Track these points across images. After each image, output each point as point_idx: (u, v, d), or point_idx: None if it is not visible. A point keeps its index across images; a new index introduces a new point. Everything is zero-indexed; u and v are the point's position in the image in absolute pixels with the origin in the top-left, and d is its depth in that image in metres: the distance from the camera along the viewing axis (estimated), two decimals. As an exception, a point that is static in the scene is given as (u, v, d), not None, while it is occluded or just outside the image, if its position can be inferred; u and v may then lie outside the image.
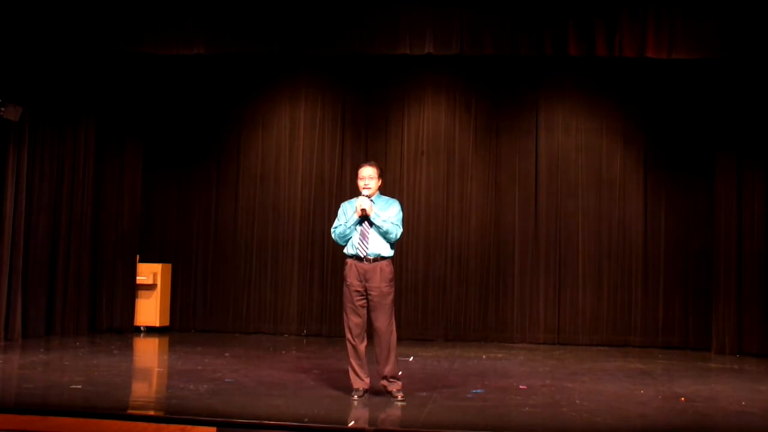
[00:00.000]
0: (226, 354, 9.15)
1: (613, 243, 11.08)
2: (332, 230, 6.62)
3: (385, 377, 6.40)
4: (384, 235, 6.40)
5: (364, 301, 6.41)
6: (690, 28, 8.99)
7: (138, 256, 11.39)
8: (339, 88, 11.72)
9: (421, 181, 11.41)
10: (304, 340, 10.92)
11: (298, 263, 11.55)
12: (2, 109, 9.36)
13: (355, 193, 6.66)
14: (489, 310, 11.19)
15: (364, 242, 6.39)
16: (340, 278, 11.27)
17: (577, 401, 6.62)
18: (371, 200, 6.48)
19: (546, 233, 11.19)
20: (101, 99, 11.01)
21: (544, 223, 11.21)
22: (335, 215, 11.52)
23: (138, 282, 11.26)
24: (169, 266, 11.56)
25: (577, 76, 11.25)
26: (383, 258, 6.42)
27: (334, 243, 11.64)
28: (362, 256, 6.39)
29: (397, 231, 6.44)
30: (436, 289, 11.25)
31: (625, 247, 11.06)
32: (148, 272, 11.28)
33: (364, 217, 6.40)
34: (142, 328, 11.24)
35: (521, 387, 7.31)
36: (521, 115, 11.37)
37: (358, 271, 6.40)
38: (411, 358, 9.08)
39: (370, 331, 6.47)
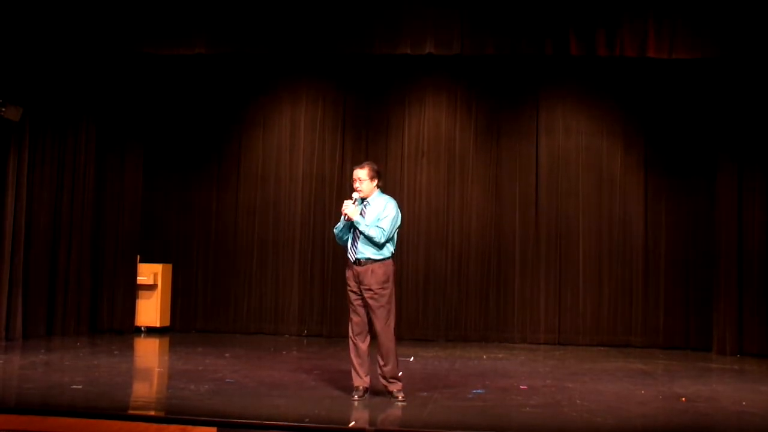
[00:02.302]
0: (227, 354, 9.15)
1: (614, 244, 11.08)
2: (334, 230, 6.65)
3: (384, 378, 6.41)
4: (369, 239, 6.38)
5: (361, 301, 6.43)
6: (690, 28, 9.01)
7: (139, 257, 11.38)
8: (339, 89, 11.71)
9: (422, 182, 11.41)
10: (305, 341, 10.92)
11: (299, 264, 11.55)
12: (3, 109, 9.37)
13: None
14: (489, 311, 11.19)
15: (354, 245, 6.42)
16: (340, 279, 11.32)
17: (578, 401, 6.62)
18: (367, 201, 6.51)
19: (546, 234, 11.19)
20: (102, 99, 11.00)
21: (545, 224, 11.21)
22: (335, 216, 11.58)
23: (139, 282, 11.25)
24: (169, 266, 11.56)
25: (578, 78, 11.25)
26: (374, 260, 6.40)
27: (335, 243, 11.71)
28: (352, 259, 6.43)
29: (380, 235, 6.34)
30: (436, 289, 11.25)
31: (626, 248, 11.05)
32: (149, 272, 11.28)
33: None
34: (142, 329, 11.24)
35: (522, 387, 7.31)
36: (522, 117, 11.36)
37: (352, 273, 6.44)
38: (411, 359, 9.08)
39: (373, 331, 6.47)
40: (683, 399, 6.88)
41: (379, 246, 6.38)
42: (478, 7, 9.24)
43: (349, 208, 6.41)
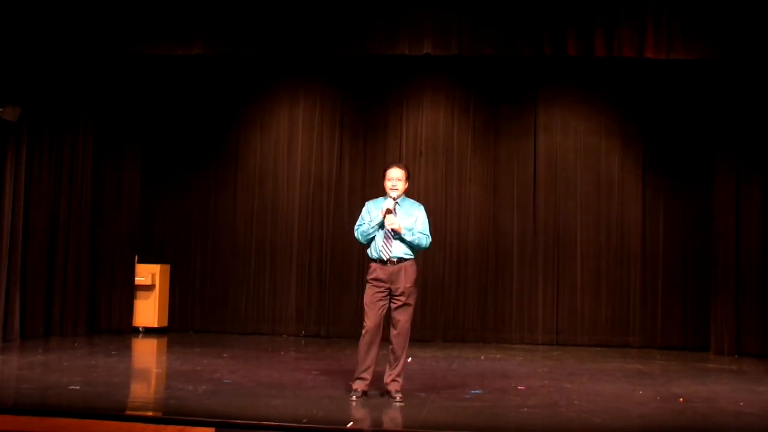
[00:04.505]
0: (225, 354, 9.15)
1: (612, 244, 11.09)
2: (356, 228, 6.58)
3: (391, 376, 6.41)
4: (416, 247, 6.45)
5: (386, 302, 6.40)
6: (689, 28, 9.02)
7: (136, 257, 11.38)
8: (337, 90, 11.71)
9: (420, 182, 11.39)
10: (303, 341, 10.92)
11: (297, 264, 11.54)
12: (1, 109, 9.36)
13: (355, 191, 6.67)
14: (487, 311, 11.19)
15: (388, 245, 6.38)
16: (338, 278, 11.39)
17: (576, 402, 6.62)
18: (397, 202, 6.48)
19: (544, 234, 11.19)
20: (100, 100, 10.99)
21: (543, 224, 11.21)
22: (334, 216, 11.66)
23: (136, 283, 11.25)
24: (167, 267, 11.55)
25: (576, 78, 11.25)
26: (406, 259, 6.43)
27: (333, 243, 11.69)
28: (386, 258, 6.38)
29: (426, 241, 6.48)
30: (434, 289, 11.24)
31: (624, 248, 11.06)
32: (147, 273, 11.27)
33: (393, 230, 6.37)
34: (140, 329, 11.23)
35: (520, 387, 7.31)
36: (520, 117, 11.37)
37: (383, 273, 6.38)
38: (410, 359, 9.07)
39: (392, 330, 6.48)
40: (681, 399, 6.88)
41: (419, 249, 6.49)
42: (476, 8, 9.25)
43: (396, 222, 6.33)
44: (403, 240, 6.39)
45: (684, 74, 10.63)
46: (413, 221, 6.47)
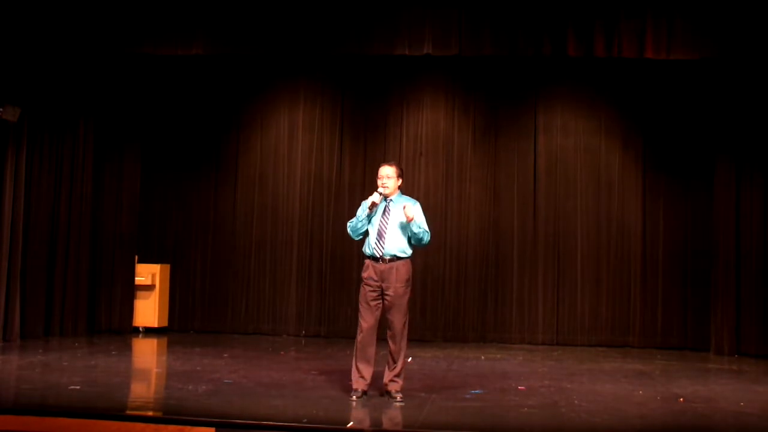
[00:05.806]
0: (225, 355, 9.15)
1: (612, 244, 11.09)
2: (348, 224, 6.62)
3: (390, 377, 6.41)
4: (419, 241, 6.47)
5: (379, 302, 6.41)
6: (689, 28, 9.03)
7: (137, 257, 11.38)
8: (338, 90, 11.71)
9: (420, 183, 11.40)
10: (303, 341, 10.92)
11: (297, 264, 11.54)
12: (1, 109, 9.36)
13: (355, 191, 6.70)
14: (488, 311, 11.19)
15: (381, 242, 6.40)
16: (338, 279, 11.41)
17: (576, 402, 6.62)
18: (390, 200, 6.54)
19: (544, 234, 11.19)
20: (100, 100, 10.99)
21: (543, 224, 11.21)
22: (334, 216, 11.68)
23: (137, 283, 11.25)
24: (167, 267, 11.55)
25: (576, 78, 11.25)
26: (399, 258, 6.43)
27: (333, 243, 11.70)
28: (378, 256, 6.40)
29: (427, 236, 6.51)
30: (434, 289, 11.24)
31: (624, 248, 11.06)
32: (147, 273, 11.27)
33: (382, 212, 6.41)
34: (140, 329, 11.23)
35: (520, 388, 7.31)
36: (520, 117, 11.37)
37: (375, 271, 6.40)
38: (410, 359, 9.07)
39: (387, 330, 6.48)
40: (681, 399, 6.88)
41: (420, 245, 6.51)
42: (476, 8, 9.26)
43: (411, 210, 6.35)
44: (413, 232, 6.40)
45: (684, 74, 10.63)
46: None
